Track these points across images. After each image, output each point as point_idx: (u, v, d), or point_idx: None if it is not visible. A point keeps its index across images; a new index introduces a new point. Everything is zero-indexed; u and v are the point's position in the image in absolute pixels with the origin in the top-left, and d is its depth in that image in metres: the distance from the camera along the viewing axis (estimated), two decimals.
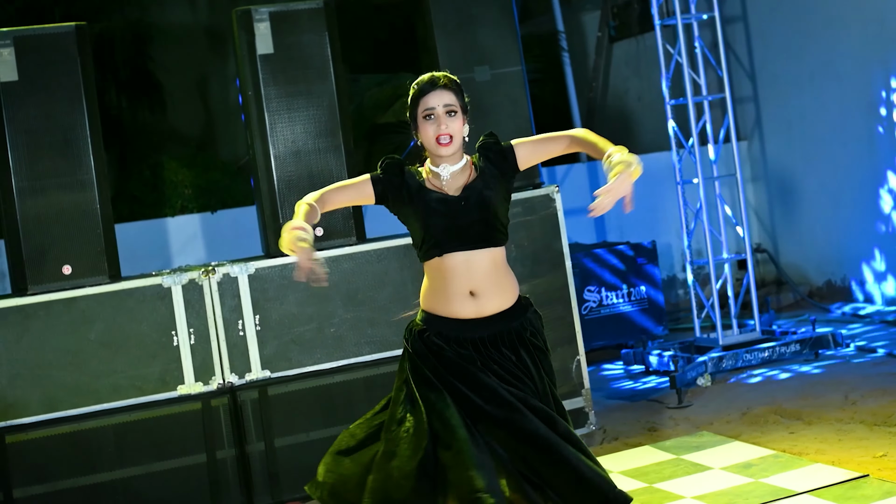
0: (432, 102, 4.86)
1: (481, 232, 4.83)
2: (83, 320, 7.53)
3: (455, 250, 4.82)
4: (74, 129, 7.64)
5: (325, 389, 7.90)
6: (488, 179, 4.90)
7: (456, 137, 4.88)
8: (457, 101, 4.91)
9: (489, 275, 4.83)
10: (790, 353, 10.00)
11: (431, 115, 4.86)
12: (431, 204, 4.87)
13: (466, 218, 4.83)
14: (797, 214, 13.31)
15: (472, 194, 4.86)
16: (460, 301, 4.84)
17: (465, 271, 4.82)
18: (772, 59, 13.35)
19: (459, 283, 4.83)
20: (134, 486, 7.57)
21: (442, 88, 4.89)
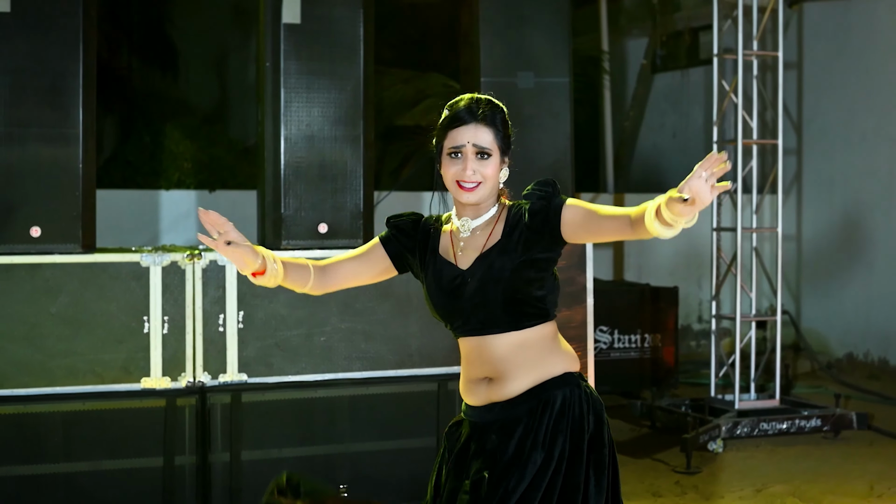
0: (461, 139, 3.85)
1: (494, 317, 3.85)
2: (46, 290, 6.75)
3: (468, 335, 3.91)
4: (66, 76, 6.86)
5: (305, 403, 7.16)
6: (514, 244, 3.83)
7: (486, 183, 3.85)
8: (494, 140, 3.87)
9: (511, 359, 3.87)
10: (809, 428, 9.25)
11: (458, 153, 3.86)
12: (434, 277, 3.92)
13: (468, 301, 3.87)
14: (825, 279, 12.63)
15: (481, 269, 3.87)
16: (473, 387, 3.94)
17: (480, 356, 3.90)
18: (822, 113, 12.67)
19: (473, 369, 3.93)
20: (78, 483, 6.81)
21: (478, 122, 3.85)
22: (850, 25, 12.31)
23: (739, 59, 9.53)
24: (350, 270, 4.05)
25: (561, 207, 3.82)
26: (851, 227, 12.28)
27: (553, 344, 3.89)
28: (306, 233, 7.19)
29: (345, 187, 7.26)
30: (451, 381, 7.25)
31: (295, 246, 7.15)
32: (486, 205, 3.92)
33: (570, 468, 3.77)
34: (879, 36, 11.93)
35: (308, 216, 7.19)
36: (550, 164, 7.69)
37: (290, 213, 7.17)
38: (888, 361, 11.80)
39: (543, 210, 3.83)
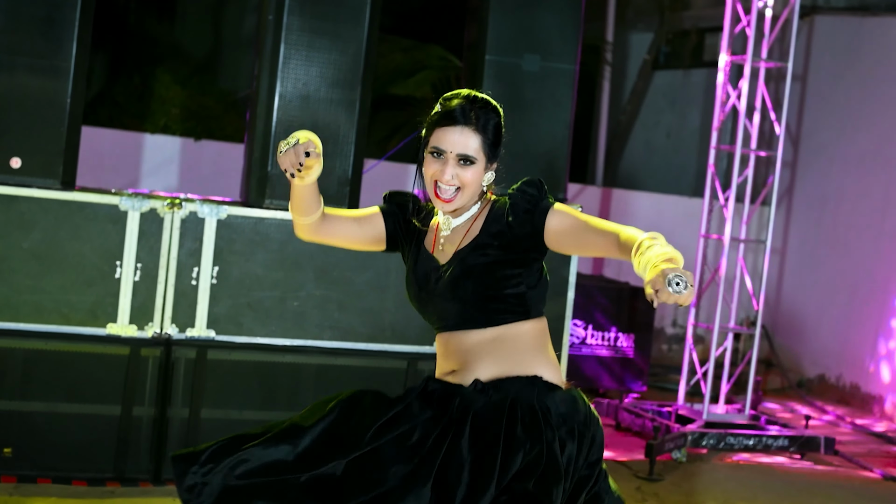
0: (446, 142, 3.71)
1: (463, 313, 3.72)
2: (20, 224, 6.60)
3: (443, 330, 3.79)
4: (62, 8, 6.70)
5: (270, 367, 7.02)
6: (491, 242, 3.72)
7: (465, 190, 3.72)
8: (480, 148, 3.72)
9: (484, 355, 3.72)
10: (776, 447, 9.13)
11: (441, 153, 3.72)
12: (414, 269, 3.83)
13: (440, 296, 3.75)
14: (807, 297, 12.53)
15: (453, 266, 3.75)
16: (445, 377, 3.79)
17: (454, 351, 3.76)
18: (822, 129, 12.53)
19: (451, 362, 3.78)
20: (33, 423, 6.68)
21: (468, 126, 3.70)
22: (862, 42, 12.16)
23: (747, 66, 9.36)
24: (347, 229, 3.97)
25: (546, 213, 3.68)
26: (839, 248, 12.16)
27: (534, 343, 3.75)
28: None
29: (335, 152, 7.09)
30: (421, 361, 7.12)
31: (278, 206, 6.99)
32: (468, 204, 3.79)
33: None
34: (888, 57, 11.79)
35: None
36: (545, 151, 7.54)
37: (276, 172, 7.00)
38: (859, 388, 11.69)
39: (528, 214, 3.71)
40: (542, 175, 7.50)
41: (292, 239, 6.97)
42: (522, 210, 3.71)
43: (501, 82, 7.44)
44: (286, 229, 6.96)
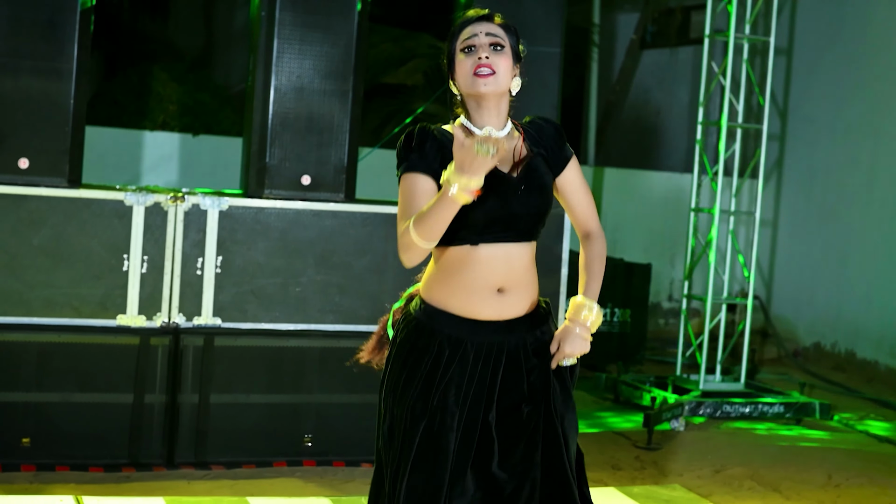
0: (475, 30, 3.83)
1: (532, 224, 3.86)
2: (30, 222, 6.82)
3: (496, 241, 3.82)
4: (64, 11, 6.91)
5: (275, 352, 7.24)
6: (544, 164, 3.91)
7: (499, 76, 3.82)
8: (507, 37, 3.88)
9: (524, 272, 3.87)
10: (772, 414, 9.36)
11: (472, 46, 3.82)
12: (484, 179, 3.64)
13: (523, 206, 3.82)
14: (799, 267, 12.71)
15: (532, 177, 3.85)
16: (483, 298, 3.83)
17: (502, 265, 3.82)
18: (808, 101, 12.72)
19: (490, 277, 3.82)
20: (49, 413, 6.90)
21: (490, 22, 3.87)
22: (844, 15, 12.34)
23: (731, 41, 9.57)
24: None
25: (567, 159, 3.97)
26: (829, 218, 12.35)
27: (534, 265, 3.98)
28: (289, 183, 7.24)
29: (330, 141, 7.31)
30: None
31: (277, 196, 7.20)
32: (501, 112, 3.91)
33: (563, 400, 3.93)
34: (872, 28, 11.97)
35: (292, 167, 7.24)
36: None
37: (274, 163, 7.21)
38: (855, 354, 11.89)
39: (553, 147, 3.95)
40: None
41: (292, 227, 7.19)
42: (549, 144, 3.95)
43: None
44: (286, 218, 7.17)
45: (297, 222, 7.22)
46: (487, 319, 3.85)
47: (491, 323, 3.85)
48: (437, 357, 3.83)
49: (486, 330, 3.85)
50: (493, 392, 3.84)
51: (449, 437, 3.77)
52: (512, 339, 3.87)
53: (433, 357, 3.83)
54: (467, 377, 3.82)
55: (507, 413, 3.84)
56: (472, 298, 3.84)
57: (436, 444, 3.77)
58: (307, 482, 6.98)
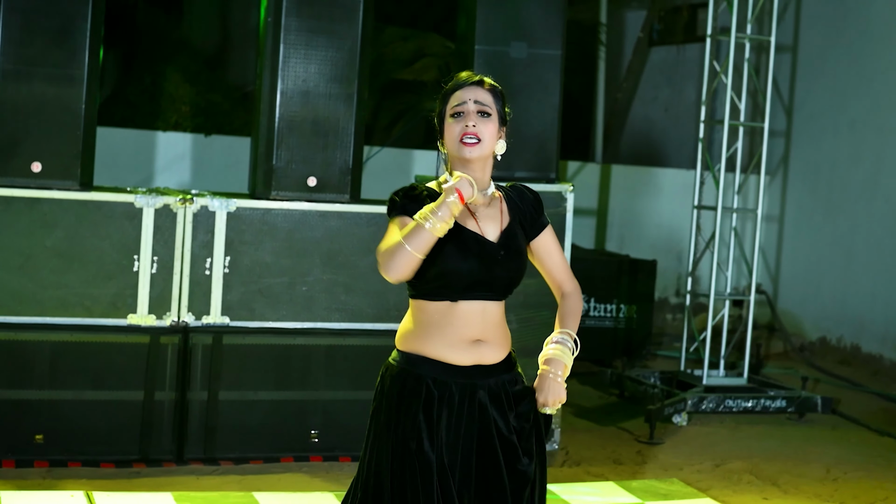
0: (464, 96, 4.05)
1: (508, 285, 4.10)
2: (43, 224, 7.00)
3: (474, 299, 4.05)
4: (75, 19, 7.07)
5: (283, 349, 7.41)
6: (520, 229, 4.16)
7: (484, 143, 4.02)
8: (494, 104, 4.09)
9: (497, 326, 4.10)
10: (774, 408, 9.48)
11: (461, 112, 4.05)
12: (461, 244, 3.98)
13: (503, 269, 4.06)
14: (805, 263, 12.81)
15: (511, 243, 4.11)
16: (461, 348, 4.03)
17: (478, 320, 4.04)
18: (814, 98, 12.82)
19: (467, 330, 4.04)
20: (62, 411, 7.08)
21: (478, 86, 4.09)
22: (847, 13, 12.43)
23: (732, 41, 9.71)
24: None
25: (542, 227, 4.20)
26: (834, 213, 12.44)
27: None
28: (296, 185, 7.40)
29: (336, 143, 7.47)
30: None
31: (284, 197, 7.36)
32: (485, 177, 4.11)
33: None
34: (874, 25, 12.07)
35: (298, 169, 7.40)
36: (536, 133, 7.89)
37: (281, 165, 7.37)
38: (860, 348, 11.99)
39: (530, 215, 4.19)
40: (535, 156, 7.90)
41: (298, 227, 7.36)
42: (526, 211, 4.18)
43: (491, 70, 7.77)
44: (292, 218, 7.33)
45: (303, 223, 7.38)
46: (467, 365, 4.05)
47: (471, 367, 4.05)
48: (427, 398, 4.00)
49: (468, 373, 4.05)
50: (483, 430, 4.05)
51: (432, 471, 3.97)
52: (491, 380, 4.08)
53: (423, 399, 4.00)
54: (455, 415, 4.03)
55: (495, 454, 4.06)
56: (451, 347, 4.03)
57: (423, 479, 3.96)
58: (313, 477, 7.13)
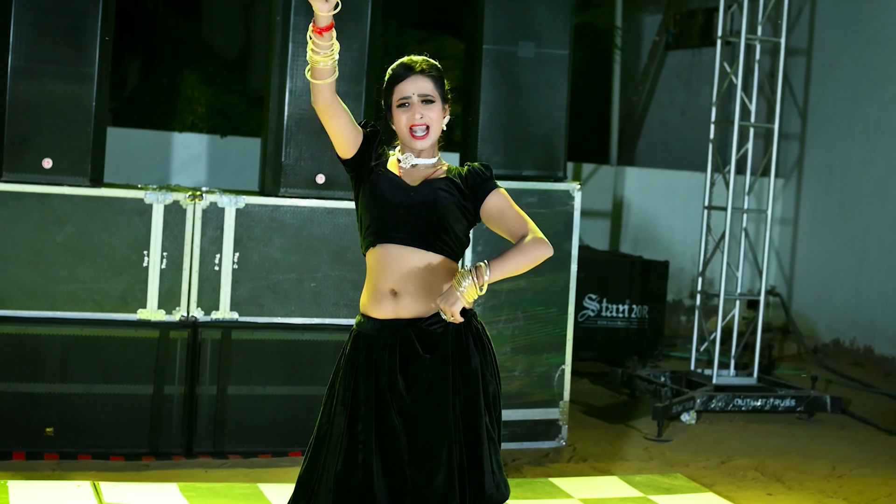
0: (407, 90, 4.31)
1: (420, 231, 4.27)
2: (54, 220, 7.10)
3: (389, 241, 4.28)
4: (86, 17, 7.15)
5: (291, 345, 7.49)
6: (452, 187, 4.34)
7: (433, 128, 4.34)
8: (435, 89, 4.35)
9: (419, 276, 4.27)
10: (783, 408, 9.51)
11: (406, 103, 4.32)
12: (381, 183, 4.30)
13: (411, 210, 4.28)
14: (819, 265, 12.82)
15: (426, 189, 4.32)
16: (379, 300, 4.29)
17: (392, 266, 4.28)
18: (828, 101, 12.84)
19: (383, 281, 4.28)
20: (72, 404, 7.17)
21: (418, 74, 4.33)
22: (862, 15, 12.45)
23: (742, 42, 9.76)
24: (346, 116, 4.32)
25: (489, 190, 4.34)
26: (848, 215, 12.45)
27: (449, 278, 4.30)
28: (304, 182, 7.48)
29: None
30: None
31: (293, 194, 7.44)
32: (430, 151, 4.39)
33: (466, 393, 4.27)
34: (889, 29, 12.08)
35: (307, 166, 7.47)
36: (544, 133, 7.95)
37: (290, 163, 7.45)
38: (873, 350, 12.00)
39: (476, 182, 4.35)
40: (542, 155, 7.97)
41: (307, 224, 7.43)
42: (473, 177, 4.36)
43: (499, 70, 7.88)
44: (301, 215, 7.42)
45: (311, 219, 7.47)
46: (384, 318, 4.27)
47: (389, 321, 4.27)
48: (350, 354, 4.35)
49: (386, 326, 4.26)
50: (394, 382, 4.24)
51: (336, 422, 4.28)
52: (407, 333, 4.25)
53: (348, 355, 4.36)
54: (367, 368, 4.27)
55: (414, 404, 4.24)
56: (373, 300, 4.31)
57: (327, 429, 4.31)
58: None
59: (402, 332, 4.24)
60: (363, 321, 4.34)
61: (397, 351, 4.24)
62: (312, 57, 4.17)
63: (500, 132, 7.91)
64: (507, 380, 7.65)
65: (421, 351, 4.23)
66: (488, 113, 7.88)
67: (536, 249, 4.17)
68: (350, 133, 4.34)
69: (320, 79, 4.20)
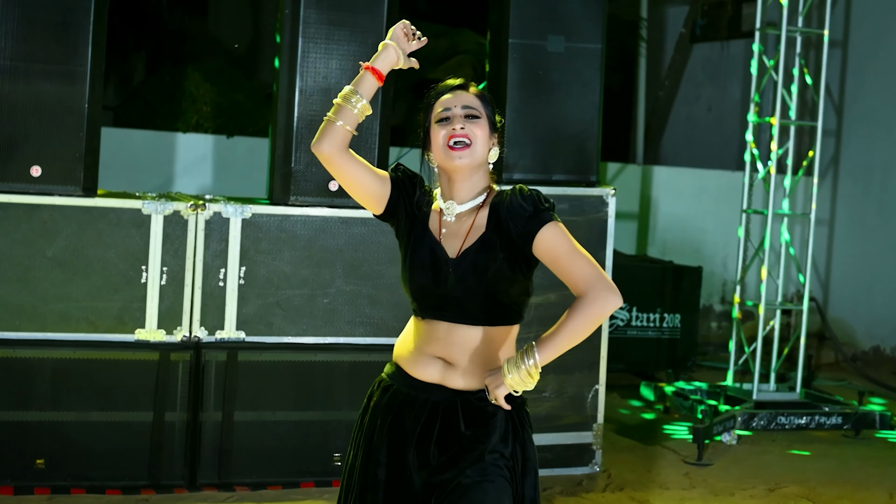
0: (449, 102, 3.71)
1: (469, 308, 3.66)
2: (43, 233, 6.59)
3: (436, 319, 3.70)
4: (77, 11, 6.63)
5: (304, 366, 6.98)
6: (497, 240, 3.66)
7: (476, 144, 3.67)
8: (482, 107, 3.73)
9: (473, 350, 3.68)
10: (829, 425, 8.94)
11: (447, 116, 3.69)
12: (419, 254, 3.71)
13: (450, 291, 3.66)
14: (857, 268, 12.31)
15: (471, 262, 3.66)
16: (427, 363, 3.73)
17: (442, 339, 3.70)
18: (865, 96, 12.32)
19: (432, 346, 3.71)
20: (64, 433, 6.67)
21: (463, 90, 3.74)
22: None
23: (783, 35, 9.17)
24: (362, 168, 3.75)
25: (535, 232, 3.63)
26: (888, 215, 11.96)
27: (511, 348, 3.75)
28: (316, 189, 6.95)
29: (359, 145, 6.96)
30: None
31: (304, 202, 6.92)
32: (474, 185, 3.74)
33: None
34: None
35: (319, 172, 6.93)
36: (574, 133, 7.41)
37: (300, 168, 6.91)
38: None
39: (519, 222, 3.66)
40: (573, 157, 7.43)
41: (319, 235, 6.90)
42: (515, 217, 3.66)
43: (526, 65, 7.31)
44: (312, 225, 6.90)
45: (324, 230, 6.95)
46: (427, 381, 3.73)
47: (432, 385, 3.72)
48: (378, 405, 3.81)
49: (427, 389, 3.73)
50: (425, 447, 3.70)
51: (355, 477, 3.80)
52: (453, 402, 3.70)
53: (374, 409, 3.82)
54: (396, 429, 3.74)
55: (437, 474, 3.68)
56: (418, 357, 3.75)
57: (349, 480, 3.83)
58: None
59: (448, 401, 3.67)
60: (397, 373, 3.79)
61: (438, 417, 3.67)
62: (348, 96, 3.65)
63: (527, 133, 7.33)
64: (537, 402, 7.14)
65: (463, 426, 3.65)
66: (515, 112, 7.29)
67: (599, 307, 3.52)
68: (371, 185, 3.76)
69: (341, 120, 3.66)
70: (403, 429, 3.69)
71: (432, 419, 3.67)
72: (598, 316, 3.51)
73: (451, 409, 3.66)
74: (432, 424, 3.66)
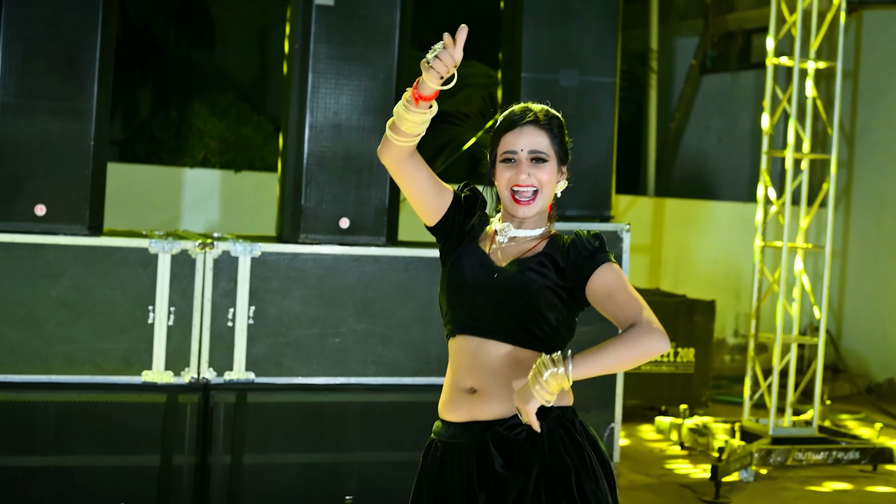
0: (515, 143, 3.62)
1: (505, 321, 3.53)
2: (48, 273, 6.43)
3: (468, 333, 3.57)
4: (82, 47, 6.51)
5: (315, 408, 6.81)
6: (547, 265, 3.56)
7: (541, 192, 3.61)
8: (550, 146, 3.64)
9: (502, 374, 3.53)
10: (847, 461, 8.79)
11: (512, 158, 3.61)
12: (464, 261, 3.62)
13: (492, 296, 3.55)
14: (870, 299, 12.18)
15: (515, 270, 3.57)
16: (457, 398, 3.60)
17: (471, 361, 3.57)
18: (877, 127, 12.22)
19: (462, 374, 3.59)
20: (70, 477, 6.47)
21: (532, 125, 3.63)
22: None
23: (796, 68, 9.06)
24: (427, 176, 3.67)
25: (596, 266, 3.53)
26: None
27: None
28: (327, 227, 6.82)
29: (370, 181, 6.87)
30: None
31: (314, 240, 6.79)
32: (535, 221, 3.66)
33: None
34: None
35: (330, 209, 6.80)
36: (588, 168, 7.29)
37: (310, 206, 6.78)
38: None
39: (581, 257, 3.55)
40: (587, 192, 7.29)
41: (330, 273, 6.76)
42: (576, 255, 3.56)
43: (539, 99, 7.14)
44: (323, 264, 6.76)
45: (335, 268, 6.80)
46: (460, 421, 3.60)
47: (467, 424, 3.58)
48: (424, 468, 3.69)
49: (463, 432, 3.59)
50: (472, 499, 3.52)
51: None
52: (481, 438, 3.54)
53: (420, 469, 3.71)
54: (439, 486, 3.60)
55: None
56: (451, 397, 3.63)
57: None
58: None
59: (479, 438, 3.52)
60: (439, 427, 3.65)
61: (475, 462, 3.51)
62: (402, 114, 3.58)
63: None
64: None
65: (498, 464, 3.48)
66: None
67: (646, 342, 3.35)
68: (431, 196, 3.68)
69: (398, 137, 3.60)
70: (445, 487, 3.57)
71: (469, 465, 3.52)
72: (645, 352, 3.36)
73: (484, 448, 3.50)
74: (471, 471, 3.51)
